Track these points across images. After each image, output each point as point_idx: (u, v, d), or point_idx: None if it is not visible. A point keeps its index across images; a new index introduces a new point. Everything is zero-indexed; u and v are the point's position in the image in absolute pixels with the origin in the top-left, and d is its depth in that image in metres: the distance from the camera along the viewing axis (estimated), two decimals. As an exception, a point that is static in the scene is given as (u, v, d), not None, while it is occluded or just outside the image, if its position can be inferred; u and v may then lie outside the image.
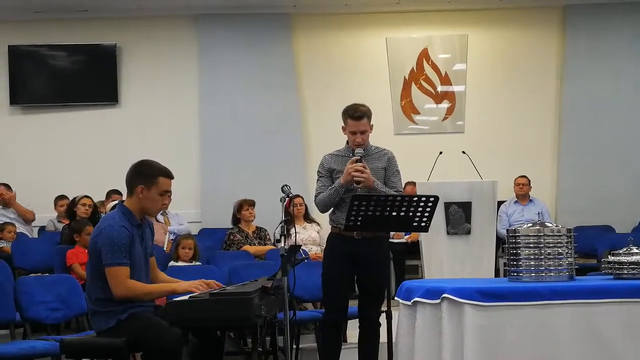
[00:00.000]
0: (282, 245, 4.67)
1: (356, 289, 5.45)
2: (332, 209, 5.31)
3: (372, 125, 5.35)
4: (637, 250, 4.04)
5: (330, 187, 5.22)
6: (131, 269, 4.34)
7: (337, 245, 5.26)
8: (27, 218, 9.69)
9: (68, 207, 8.83)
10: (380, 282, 5.30)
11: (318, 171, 5.39)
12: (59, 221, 9.38)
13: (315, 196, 5.34)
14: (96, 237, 4.38)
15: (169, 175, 4.53)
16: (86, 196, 8.61)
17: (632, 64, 10.82)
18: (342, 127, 5.35)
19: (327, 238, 5.43)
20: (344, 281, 5.28)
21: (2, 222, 9.25)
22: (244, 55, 10.82)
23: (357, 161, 5.14)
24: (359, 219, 4.75)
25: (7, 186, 9.66)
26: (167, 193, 4.55)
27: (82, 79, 10.76)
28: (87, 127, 10.77)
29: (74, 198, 8.69)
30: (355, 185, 5.11)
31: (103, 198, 9.30)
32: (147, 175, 4.47)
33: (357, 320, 5.42)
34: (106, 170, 10.40)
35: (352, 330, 5.73)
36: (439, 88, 11.06)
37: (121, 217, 4.42)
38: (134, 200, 4.48)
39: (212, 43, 10.83)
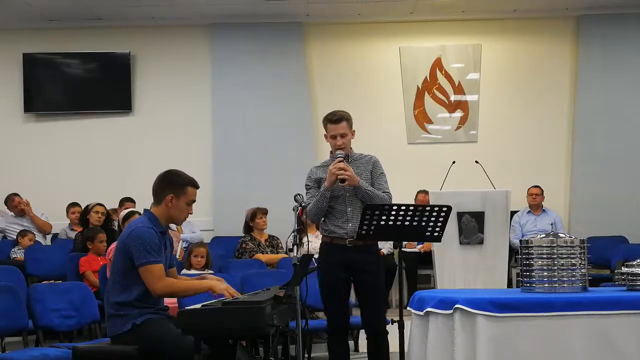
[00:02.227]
0: (295, 254, 4.67)
1: (353, 298, 5.44)
2: (322, 218, 5.32)
3: (354, 131, 5.35)
4: (651, 262, 4.02)
5: (316, 194, 5.23)
6: None
7: (330, 254, 5.27)
8: (45, 230, 9.76)
9: (81, 215, 8.87)
10: (377, 288, 5.29)
11: (306, 184, 5.39)
12: (72, 229, 9.42)
13: (306, 206, 5.35)
14: (126, 239, 4.40)
15: (196, 185, 4.63)
16: (99, 204, 8.65)
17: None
18: (325, 135, 5.37)
19: (320, 248, 5.43)
20: (342, 289, 5.29)
21: (18, 229, 9.33)
22: (257, 64, 10.84)
23: (339, 162, 5.16)
24: (372, 228, 4.75)
25: (19, 197, 9.75)
26: (193, 202, 4.61)
27: (96, 87, 10.81)
28: (100, 134, 10.82)
29: (87, 206, 8.73)
30: (340, 183, 5.12)
31: (116, 206, 9.33)
32: (177, 185, 4.54)
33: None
34: (119, 178, 10.46)
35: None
36: (452, 97, 11.05)
37: (149, 222, 4.47)
38: (162, 209, 4.53)
39: (226, 52, 10.86)
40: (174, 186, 4.53)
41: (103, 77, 10.80)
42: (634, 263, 4.05)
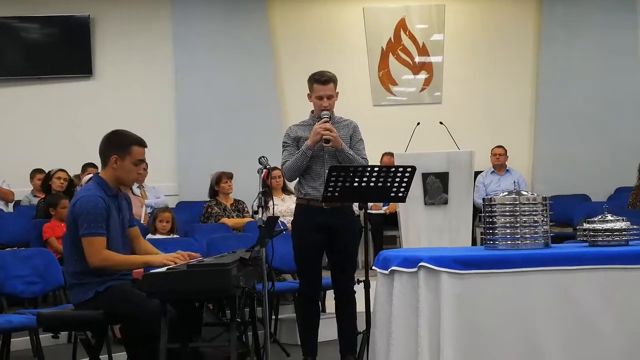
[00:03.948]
0: (260, 216, 4.66)
1: (326, 259, 5.50)
2: (297, 179, 5.33)
3: (338, 93, 5.36)
4: (612, 218, 4.06)
5: (297, 152, 5.22)
6: (108, 240, 4.32)
7: (306, 216, 5.28)
8: (7, 198, 9.63)
9: (43, 181, 8.77)
10: (351, 251, 5.35)
11: (283, 142, 5.39)
12: (34, 195, 9.32)
13: (282, 164, 5.35)
14: (73, 208, 4.36)
15: (142, 143, 4.50)
16: (61, 170, 8.57)
17: (607, 32, 10.86)
18: (308, 94, 5.35)
19: (295, 210, 5.44)
20: (317, 252, 5.33)
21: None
22: (219, 25, 10.73)
23: (325, 122, 5.16)
24: (337, 189, 4.77)
25: None
26: (141, 162, 4.54)
27: (55, 51, 10.63)
28: (61, 99, 10.66)
29: (49, 172, 8.65)
30: (324, 144, 5.13)
31: (79, 171, 9.24)
32: (121, 145, 4.45)
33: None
34: (81, 143, 10.29)
35: (331, 300, 5.76)
36: (417, 59, 11.05)
37: (97, 187, 4.40)
38: (109, 171, 4.46)
39: (187, 13, 10.73)
40: (117, 147, 4.44)
41: (62, 41, 10.62)
42: (596, 219, 4.10)
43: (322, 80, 5.27)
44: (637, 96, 10.80)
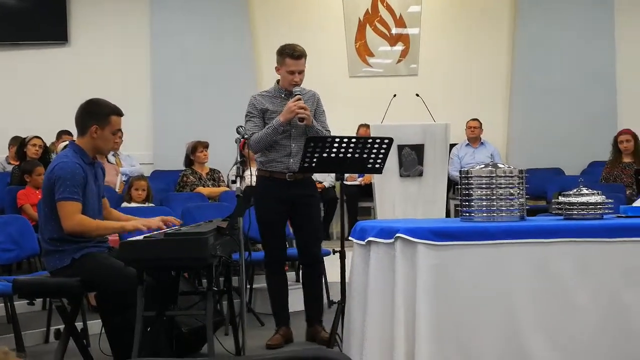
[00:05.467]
0: (238, 186, 4.67)
1: (291, 230, 5.56)
2: (259, 153, 5.34)
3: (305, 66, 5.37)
4: (587, 192, 4.11)
5: (268, 127, 5.22)
6: (84, 207, 4.32)
7: (269, 188, 5.31)
8: None
9: (18, 148, 8.70)
10: (313, 221, 5.41)
11: (248, 112, 5.35)
12: (8, 162, 9.24)
13: (249, 136, 5.32)
14: (50, 174, 4.36)
15: (120, 113, 4.52)
16: (36, 137, 8.50)
17: (583, 7, 10.87)
18: (276, 67, 5.34)
19: (257, 181, 5.45)
20: (279, 223, 5.40)
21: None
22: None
23: (299, 100, 5.19)
24: (314, 160, 4.78)
25: None
26: (118, 131, 4.54)
27: (30, 17, 10.50)
28: (36, 67, 10.54)
29: (24, 139, 8.57)
30: (298, 122, 5.16)
31: (54, 138, 9.17)
32: (100, 115, 4.45)
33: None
34: (57, 110, 10.19)
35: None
36: (394, 30, 11.02)
37: (74, 154, 4.40)
38: (87, 140, 4.45)
39: (164, -19, 10.64)
40: (97, 116, 4.44)
41: (38, 7, 10.49)
42: (571, 193, 4.14)
43: (295, 56, 5.26)
44: (612, 71, 10.86)
